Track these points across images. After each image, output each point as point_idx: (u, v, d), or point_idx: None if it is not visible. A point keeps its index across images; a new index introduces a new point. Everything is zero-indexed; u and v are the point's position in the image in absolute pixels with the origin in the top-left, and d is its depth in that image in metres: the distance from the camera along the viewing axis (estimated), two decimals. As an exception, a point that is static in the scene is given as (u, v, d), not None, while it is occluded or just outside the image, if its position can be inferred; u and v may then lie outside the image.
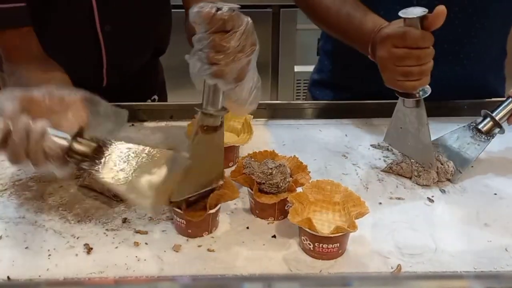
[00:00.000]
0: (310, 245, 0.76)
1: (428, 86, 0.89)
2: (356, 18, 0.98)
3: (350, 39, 1.03)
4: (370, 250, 0.78)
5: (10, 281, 0.72)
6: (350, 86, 1.20)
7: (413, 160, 0.94)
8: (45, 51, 0.99)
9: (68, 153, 0.70)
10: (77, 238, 0.80)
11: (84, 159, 0.71)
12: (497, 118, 0.96)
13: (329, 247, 0.75)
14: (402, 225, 0.83)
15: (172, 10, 1.23)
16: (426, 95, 0.89)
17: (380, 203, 0.88)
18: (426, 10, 0.83)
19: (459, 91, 1.13)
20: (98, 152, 0.72)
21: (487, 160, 0.99)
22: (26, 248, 0.78)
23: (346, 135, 1.08)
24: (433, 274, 0.75)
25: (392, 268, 0.75)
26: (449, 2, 0.87)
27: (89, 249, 0.78)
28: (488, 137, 0.97)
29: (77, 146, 0.71)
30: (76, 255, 0.77)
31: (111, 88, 1.11)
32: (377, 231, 0.82)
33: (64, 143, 0.70)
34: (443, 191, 0.91)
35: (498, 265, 0.76)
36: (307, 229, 0.74)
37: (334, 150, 1.03)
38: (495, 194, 0.91)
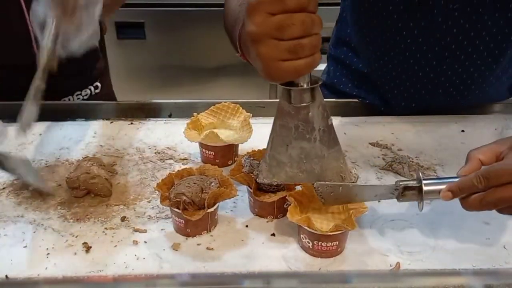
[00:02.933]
0: (309, 243, 0.76)
1: (316, 76, 0.67)
2: (237, 9, 0.78)
3: (230, 35, 0.83)
4: (369, 248, 0.78)
5: (8, 279, 0.72)
6: (354, 97, 1.20)
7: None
8: None
9: None
10: (76, 236, 0.80)
11: None
12: (425, 187, 0.75)
13: (328, 245, 0.75)
14: (401, 223, 0.83)
15: (171, 9, 1.23)
16: (320, 83, 0.67)
17: (379, 201, 0.88)
18: None
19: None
20: None
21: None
22: (25, 247, 0.78)
23: (345, 133, 1.08)
24: (431, 272, 0.75)
25: (391, 265, 0.75)
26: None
27: (88, 248, 0.77)
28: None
29: None
30: (75, 253, 0.77)
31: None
32: (376, 229, 0.82)
33: None
34: (442, 189, 0.91)
35: (496, 263, 0.76)
36: (306, 227, 0.74)
37: (333, 148, 1.03)
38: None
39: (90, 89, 1.26)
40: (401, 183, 0.76)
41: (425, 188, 0.75)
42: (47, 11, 0.81)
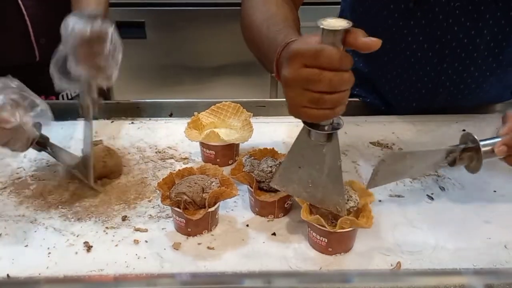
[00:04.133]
0: (323, 240, 0.76)
1: (341, 118, 0.72)
2: (272, 32, 0.83)
3: (262, 54, 0.87)
4: (370, 247, 0.78)
5: (10, 279, 0.72)
6: (355, 96, 1.20)
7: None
8: None
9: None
10: (77, 236, 0.80)
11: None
12: (482, 147, 0.81)
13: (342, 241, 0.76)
14: (402, 223, 0.83)
15: (172, 9, 1.24)
16: (339, 129, 0.72)
17: (380, 201, 0.88)
18: (351, 23, 0.67)
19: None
20: None
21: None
22: (26, 246, 0.78)
23: (345, 132, 1.08)
24: (432, 271, 0.75)
25: (391, 265, 0.75)
26: None
27: (88, 247, 0.78)
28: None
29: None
30: (76, 253, 0.77)
31: (45, 64, 1.13)
32: (377, 229, 0.82)
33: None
34: (442, 189, 0.91)
35: (497, 262, 0.76)
36: (319, 226, 0.74)
37: (333, 148, 1.03)
38: (495, 191, 0.91)
39: None
40: (456, 146, 0.82)
41: (483, 148, 0.80)
42: (78, 72, 0.88)
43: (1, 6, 1.14)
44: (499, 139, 0.81)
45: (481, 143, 0.81)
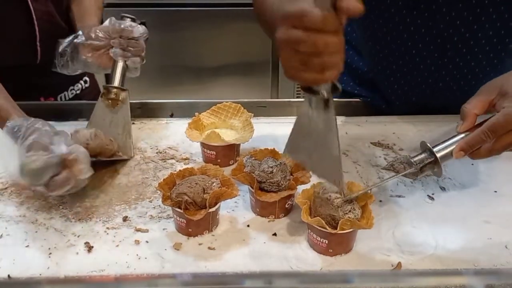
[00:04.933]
0: (323, 241, 0.76)
1: (338, 84, 0.71)
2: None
3: (267, 21, 0.90)
4: (370, 248, 0.78)
5: (11, 279, 0.72)
6: (355, 95, 1.20)
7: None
8: None
9: None
10: (78, 236, 0.80)
11: None
12: (438, 155, 0.83)
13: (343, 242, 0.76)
14: (402, 223, 0.83)
15: (173, 9, 1.24)
16: (335, 94, 0.71)
17: (381, 201, 0.88)
18: None
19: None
20: None
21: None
22: (27, 246, 0.78)
23: (346, 132, 1.08)
24: (433, 271, 0.75)
25: (392, 265, 0.75)
26: None
27: (89, 248, 0.78)
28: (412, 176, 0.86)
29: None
30: (77, 253, 0.77)
31: (44, 65, 1.17)
32: (377, 229, 0.82)
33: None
34: (443, 189, 0.91)
35: (498, 262, 0.76)
36: (319, 228, 0.74)
37: (334, 148, 1.03)
38: (495, 191, 0.91)
39: (80, 83, 1.35)
40: (415, 161, 0.85)
41: (439, 155, 0.83)
42: (117, 54, 1.05)
43: (13, 7, 1.16)
44: (459, 137, 0.84)
45: (438, 154, 0.84)
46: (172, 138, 1.06)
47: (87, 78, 1.38)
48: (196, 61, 2.29)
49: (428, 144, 0.84)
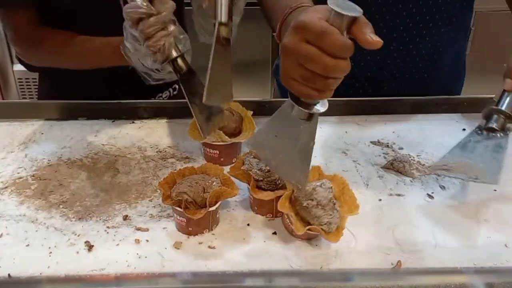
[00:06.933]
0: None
1: (326, 102, 0.71)
2: None
3: (269, 8, 0.88)
4: (370, 246, 0.78)
5: (11, 278, 0.73)
6: None
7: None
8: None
9: (172, 61, 0.90)
10: (78, 235, 0.80)
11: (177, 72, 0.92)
12: (510, 112, 0.88)
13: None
14: (402, 221, 0.84)
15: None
16: (321, 111, 0.71)
17: (380, 200, 0.88)
18: (361, 11, 0.64)
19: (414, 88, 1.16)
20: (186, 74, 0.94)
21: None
22: (27, 245, 0.78)
23: (346, 131, 1.08)
24: (433, 270, 0.75)
25: (392, 264, 0.76)
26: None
27: (90, 247, 0.78)
28: (504, 133, 0.88)
29: (179, 61, 0.92)
30: (77, 252, 0.77)
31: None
32: (377, 228, 0.82)
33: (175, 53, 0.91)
34: (442, 187, 0.92)
35: (498, 261, 0.76)
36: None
37: (334, 147, 1.03)
38: (495, 190, 0.91)
39: (169, 91, 1.27)
40: (496, 127, 0.89)
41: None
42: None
43: (109, 14, 1.04)
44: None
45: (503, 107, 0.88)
46: (172, 137, 1.06)
47: (176, 86, 1.27)
48: (196, 60, 2.29)
49: (494, 107, 0.89)
